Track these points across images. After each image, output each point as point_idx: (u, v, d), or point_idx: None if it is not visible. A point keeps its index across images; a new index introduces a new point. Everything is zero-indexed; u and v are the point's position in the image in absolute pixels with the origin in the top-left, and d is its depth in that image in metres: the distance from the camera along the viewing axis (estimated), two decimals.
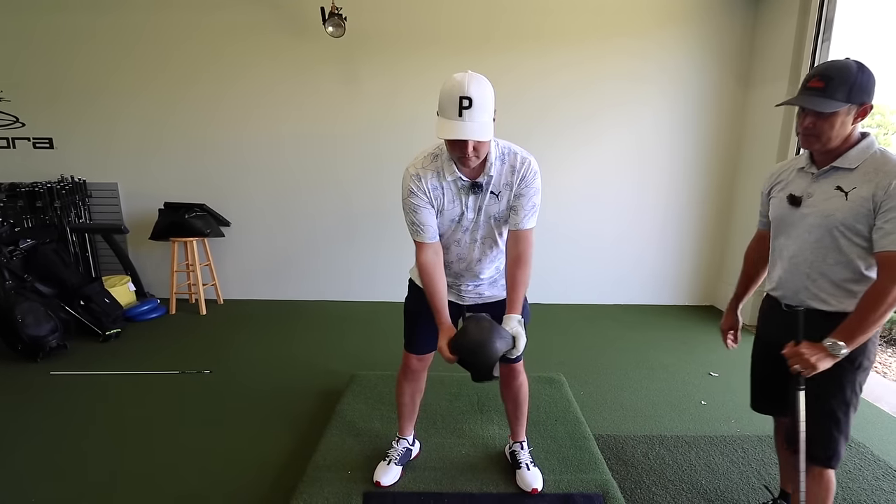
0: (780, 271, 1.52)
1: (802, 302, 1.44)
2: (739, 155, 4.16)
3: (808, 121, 1.35)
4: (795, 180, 1.48)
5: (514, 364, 1.87)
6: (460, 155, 1.46)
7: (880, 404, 2.76)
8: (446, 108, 1.40)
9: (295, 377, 2.97)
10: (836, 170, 1.37)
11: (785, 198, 1.48)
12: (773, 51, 3.72)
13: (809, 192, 1.42)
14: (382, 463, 1.95)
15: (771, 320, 1.59)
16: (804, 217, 1.42)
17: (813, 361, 1.32)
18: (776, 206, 1.53)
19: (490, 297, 1.82)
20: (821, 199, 1.39)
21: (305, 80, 4.02)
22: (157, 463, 2.15)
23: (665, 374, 3.10)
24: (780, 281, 1.52)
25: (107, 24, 3.90)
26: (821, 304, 1.41)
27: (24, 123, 4.08)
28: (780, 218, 1.51)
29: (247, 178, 4.21)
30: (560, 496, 1.87)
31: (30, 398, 2.68)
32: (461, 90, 1.37)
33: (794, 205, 1.45)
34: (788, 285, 1.49)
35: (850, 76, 1.32)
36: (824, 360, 1.32)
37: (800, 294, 1.45)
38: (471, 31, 3.94)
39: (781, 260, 1.52)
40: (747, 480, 2.07)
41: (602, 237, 4.34)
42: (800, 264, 1.44)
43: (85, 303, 3.54)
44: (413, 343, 1.88)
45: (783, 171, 1.57)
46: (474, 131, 1.39)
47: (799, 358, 1.35)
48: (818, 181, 1.41)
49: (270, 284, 4.44)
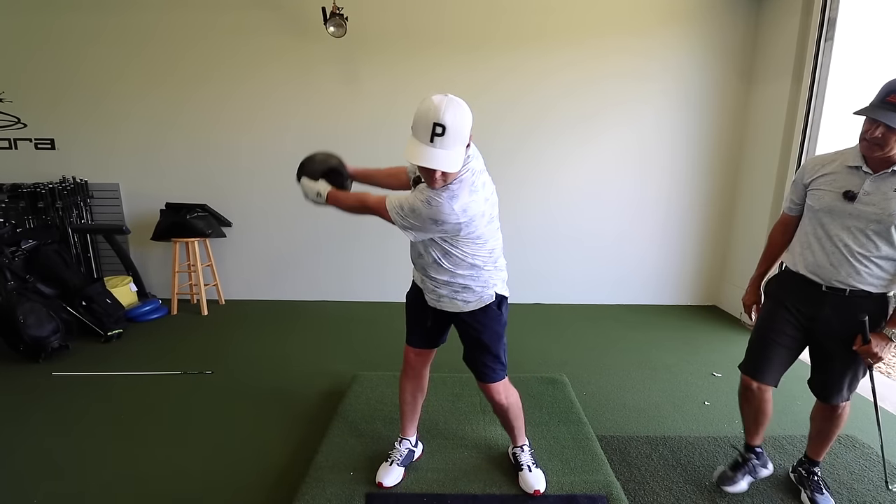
0: (821, 256, 1.71)
1: (852, 284, 1.65)
2: (742, 154, 4.14)
3: (879, 131, 1.50)
4: (847, 177, 1.65)
5: (487, 384, 1.81)
6: (427, 178, 1.47)
7: (884, 404, 2.75)
8: (419, 130, 1.38)
9: (296, 377, 2.97)
10: (895, 174, 1.57)
11: (838, 192, 1.65)
12: (776, 49, 3.70)
13: (867, 191, 1.60)
14: (385, 464, 1.95)
15: (794, 293, 1.80)
16: (861, 211, 1.61)
17: (882, 355, 1.63)
18: (824, 197, 1.68)
19: (449, 308, 1.77)
20: (880, 197, 1.57)
21: (307, 81, 4.01)
22: (158, 463, 2.15)
23: (668, 374, 3.09)
24: (818, 264, 1.71)
25: (109, 25, 3.90)
26: (865, 285, 1.64)
27: (26, 124, 4.09)
28: (830, 209, 1.67)
29: (248, 178, 4.21)
30: (563, 497, 1.86)
31: (32, 399, 2.68)
32: (436, 116, 1.34)
33: (848, 199, 1.62)
34: (831, 268, 1.68)
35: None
36: (888, 350, 1.64)
37: (850, 278, 1.65)
38: (472, 30, 3.92)
39: (822, 245, 1.70)
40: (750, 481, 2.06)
41: (604, 236, 4.32)
42: (848, 251, 1.64)
43: (87, 303, 3.54)
44: (407, 333, 1.93)
45: (825, 164, 1.72)
46: (441, 161, 1.37)
47: (871, 354, 1.64)
48: (876, 182, 1.59)
49: (272, 285, 4.44)
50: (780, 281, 1.89)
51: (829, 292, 1.70)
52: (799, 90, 3.50)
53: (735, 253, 4.25)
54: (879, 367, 3.48)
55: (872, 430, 2.44)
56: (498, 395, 1.82)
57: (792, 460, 2.13)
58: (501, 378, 1.81)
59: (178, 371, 3.01)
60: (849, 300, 1.67)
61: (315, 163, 1.96)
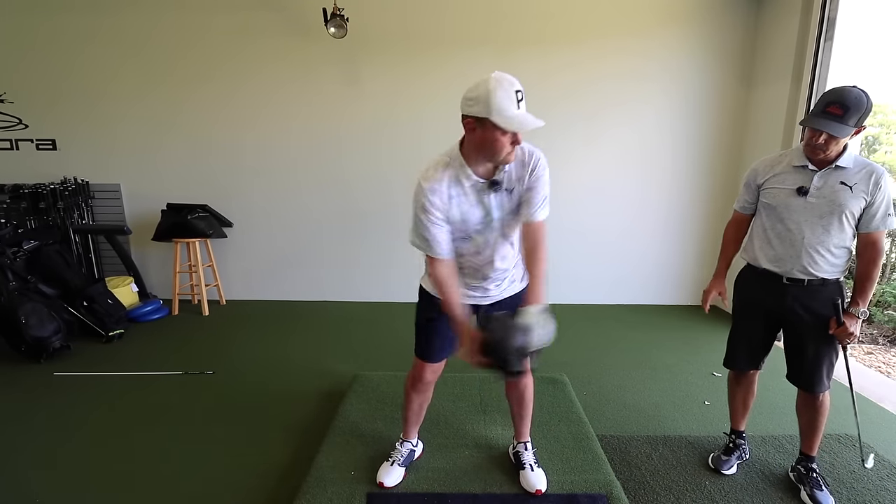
0: (780, 249, 1.85)
1: (810, 273, 1.79)
2: (741, 154, 4.15)
3: (823, 138, 1.66)
4: (795, 175, 1.80)
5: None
6: (509, 150, 1.48)
7: (884, 404, 2.75)
8: (504, 104, 1.40)
9: (297, 377, 2.97)
10: (839, 168, 1.73)
11: (791, 188, 1.79)
12: (776, 50, 3.71)
13: (817, 186, 1.75)
14: (386, 464, 1.96)
15: (757, 289, 1.95)
16: (813, 204, 1.76)
17: (854, 332, 1.76)
18: (779, 194, 1.83)
19: (511, 291, 1.80)
20: (829, 190, 1.74)
21: (308, 81, 4.02)
22: (160, 463, 2.15)
23: (668, 374, 3.09)
24: (778, 257, 1.85)
25: (109, 26, 3.91)
26: (822, 273, 1.79)
27: (28, 125, 4.10)
28: (786, 205, 1.81)
29: (249, 178, 4.22)
30: (564, 497, 1.86)
31: (33, 399, 2.69)
32: (513, 85, 1.42)
33: (802, 195, 1.77)
34: (790, 261, 1.82)
35: (862, 106, 1.62)
36: (858, 326, 1.78)
37: (808, 267, 1.79)
38: (473, 31, 3.94)
39: (780, 240, 1.84)
40: (751, 480, 2.07)
41: (605, 236, 4.33)
42: (805, 243, 1.78)
43: (88, 304, 3.54)
44: (429, 352, 1.83)
45: (774, 165, 1.88)
46: (535, 120, 1.45)
47: (847, 334, 1.77)
48: (823, 177, 1.75)
49: (273, 285, 4.45)
50: (743, 279, 2.04)
51: (789, 283, 1.84)
52: (799, 90, 3.51)
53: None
54: (879, 367, 3.49)
55: (871, 429, 2.46)
56: (528, 375, 1.88)
57: (791, 459, 2.13)
58: None
59: (179, 371, 3.02)
60: (807, 289, 1.82)
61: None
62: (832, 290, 1.81)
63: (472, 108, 1.42)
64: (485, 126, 1.42)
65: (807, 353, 1.87)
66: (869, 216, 1.73)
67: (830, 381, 1.90)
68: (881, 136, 4.83)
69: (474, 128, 1.45)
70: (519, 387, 1.92)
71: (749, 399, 2.15)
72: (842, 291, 1.82)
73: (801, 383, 1.93)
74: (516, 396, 1.95)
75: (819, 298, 1.82)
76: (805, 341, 1.87)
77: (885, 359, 3.61)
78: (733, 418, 2.21)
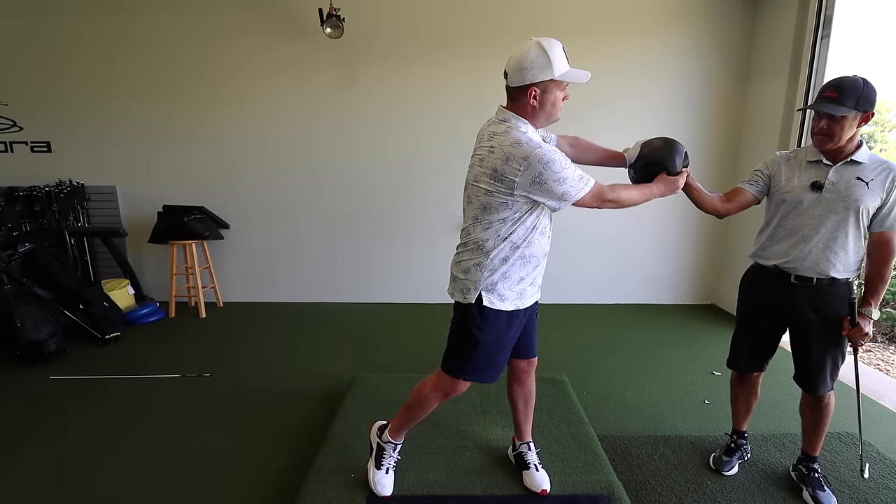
0: (792, 246, 1.80)
1: (821, 271, 1.76)
2: (738, 152, 4.15)
3: (823, 123, 1.67)
4: (808, 171, 1.78)
5: (532, 359, 1.92)
6: (560, 106, 1.59)
7: (883, 401, 2.75)
8: (563, 61, 1.52)
9: (296, 379, 2.95)
10: (854, 163, 1.71)
11: (806, 184, 1.76)
12: (773, 47, 3.71)
13: (832, 181, 1.72)
14: (381, 472, 1.87)
15: (764, 289, 1.92)
16: (829, 200, 1.72)
17: (868, 332, 1.73)
18: (794, 190, 1.79)
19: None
20: (844, 185, 1.70)
21: (304, 82, 4.00)
22: (158, 467, 2.13)
23: (667, 373, 3.08)
24: (789, 254, 1.81)
25: (104, 27, 3.88)
26: (833, 272, 1.75)
27: (22, 127, 4.07)
28: (800, 200, 1.77)
29: (245, 180, 4.20)
30: (565, 497, 1.85)
31: (29, 403, 2.66)
32: (558, 43, 1.50)
33: (816, 190, 1.74)
34: (803, 257, 1.77)
35: (858, 88, 1.61)
36: (870, 327, 1.74)
37: (819, 265, 1.76)
38: (470, 32, 3.92)
39: (792, 236, 1.80)
40: (753, 480, 2.06)
41: (603, 234, 4.32)
42: (820, 239, 1.74)
43: (84, 306, 3.51)
44: (490, 372, 1.73)
45: (789, 160, 1.86)
46: (586, 72, 1.58)
47: (861, 335, 1.73)
48: (839, 171, 1.72)
49: (270, 287, 4.43)
50: (750, 279, 2.01)
51: (798, 283, 1.81)
52: (796, 87, 3.51)
53: (733, 252, 4.25)
54: (878, 364, 3.49)
55: (872, 427, 2.46)
56: (533, 374, 1.93)
57: (793, 458, 2.13)
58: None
59: (176, 374, 2.99)
60: (815, 289, 1.78)
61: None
62: (841, 290, 1.78)
63: (533, 74, 1.46)
64: (548, 89, 1.48)
65: (812, 354, 1.85)
66: (883, 214, 1.70)
67: (834, 382, 1.88)
68: (875, 134, 4.84)
69: (539, 94, 1.49)
70: (526, 385, 1.91)
71: (752, 401, 2.14)
72: (851, 292, 1.79)
73: (806, 385, 1.91)
74: (523, 395, 1.93)
75: (827, 299, 1.78)
76: (811, 342, 1.84)
77: (885, 356, 3.62)
78: (735, 419, 2.20)
